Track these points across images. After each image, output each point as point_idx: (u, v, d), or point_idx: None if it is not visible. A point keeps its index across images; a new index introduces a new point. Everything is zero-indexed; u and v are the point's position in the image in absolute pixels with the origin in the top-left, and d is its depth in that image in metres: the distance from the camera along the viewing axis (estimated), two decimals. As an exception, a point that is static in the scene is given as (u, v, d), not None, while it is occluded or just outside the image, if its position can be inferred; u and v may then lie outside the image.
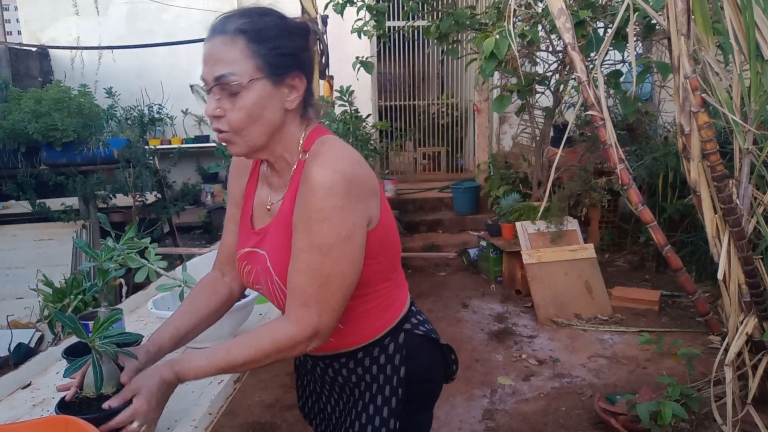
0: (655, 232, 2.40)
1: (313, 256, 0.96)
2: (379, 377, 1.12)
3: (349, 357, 1.13)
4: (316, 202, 0.94)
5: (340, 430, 1.20)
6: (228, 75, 0.96)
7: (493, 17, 3.91)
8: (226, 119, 0.98)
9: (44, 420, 1.03)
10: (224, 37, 0.97)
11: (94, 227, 4.13)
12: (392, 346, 1.13)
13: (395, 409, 1.11)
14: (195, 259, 1.98)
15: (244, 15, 0.99)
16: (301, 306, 0.98)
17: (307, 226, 0.96)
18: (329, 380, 1.20)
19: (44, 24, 6.29)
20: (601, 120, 2.30)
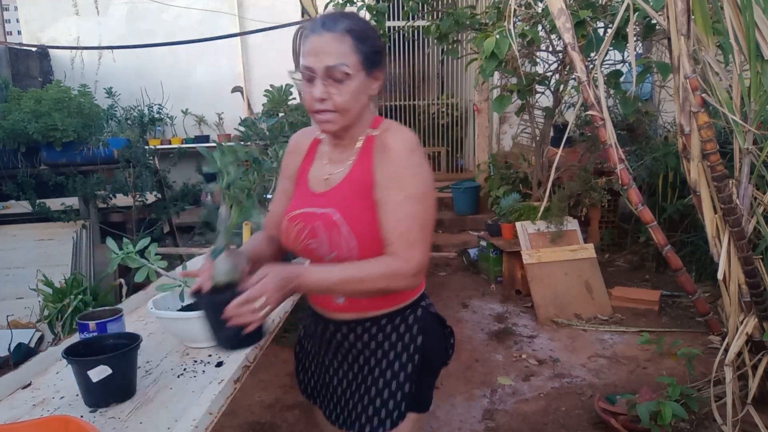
0: (655, 232, 2.40)
1: (412, 205, 1.15)
2: (398, 345, 1.27)
3: (373, 322, 1.27)
4: (404, 161, 1.17)
5: (352, 398, 1.30)
6: (339, 65, 1.14)
7: (493, 17, 3.91)
8: (332, 101, 1.17)
9: (44, 420, 1.03)
10: (334, 34, 1.16)
11: (94, 227, 4.13)
12: (411, 317, 1.29)
13: (410, 375, 1.26)
14: (195, 259, 1.98)
15: (348, 18, 1.20)
16: (408, 248, 1.14)
17: (399, 183, 1.16)
18: (345, 349, 1.31)
19: (44, 24, 6.29)
20: (601, 120, 2.30)
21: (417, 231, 1.15)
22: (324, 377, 1.38)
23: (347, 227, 1.18)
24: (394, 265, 1.14)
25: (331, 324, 1.31)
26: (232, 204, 1.15)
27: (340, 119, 1.19)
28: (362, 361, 1.30)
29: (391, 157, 1.18)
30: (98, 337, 1.38)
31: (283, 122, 2.78)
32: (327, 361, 1.36)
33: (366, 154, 1.23)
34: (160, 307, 1.52)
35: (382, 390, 1.26)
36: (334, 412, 1.36)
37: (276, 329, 1.59)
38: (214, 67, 6.43)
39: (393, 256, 1.15)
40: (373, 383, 1.27)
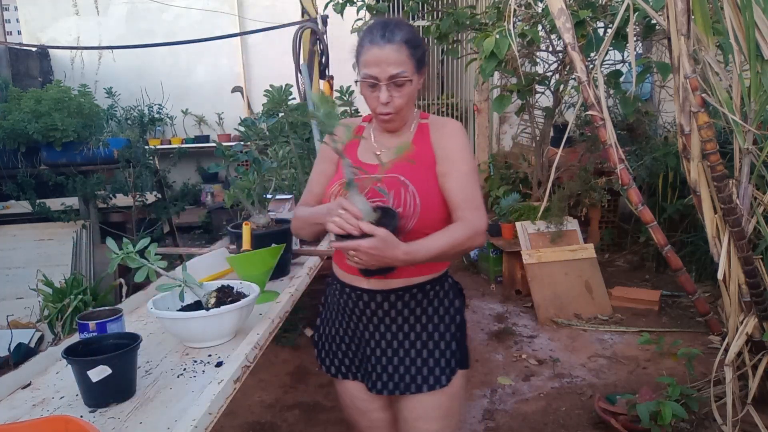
0: (655, 232, 2.40)
1: (472, 176, 1.40)
2: (440, 309, 1.46)
3: (419, 289, 1.44)
4: (462, 142, 1.43)
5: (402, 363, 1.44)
6: (401, 73, 1.35)
7: (493, 17, 3.91)
8: (393, 104, 1.38)
9: (44, 420, 1.03)
10: (393, 45, 1.35)
11: (94, 227, 4.13)
12: (447, 284, 1.50)
13: (455, 335, 1.46)
14: (195, 259, 1.98)
15: (402, 27, 1.37)
16: (475, 210, 1.36)
17: (461, 156, 1.40)
18: (390, 318, 1.45)
19: (44, 24, 6.29)
20: (601, 120, 2.30)
21: (480, 196, 1.40)
22: (362, 352, 1.50)
23: (413, 187, 1.37)
24: (470, 225, 1.34)
25: (377, 295, 1.44)
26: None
27: (399, 118, 1.42)
28: (407, 327, 1.45)
29: (451, 137, 1.42)
30: (98, 337, 1.38)
31: (283, 122, 2.78)
32: (367, 335, 1.48)
33: (423, 136, 1.45)
34: (160, 307, 1.51)
35: (433, 351, 1.44)
36: (380, 381, 1.47)
37: (276, 329, 1.59)
38: (214, 67, 6.43)
39: (464, 219, 1.35)
40: (423, 346, 1.44)
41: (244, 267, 1.80)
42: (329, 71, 4.53)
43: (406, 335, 1.46)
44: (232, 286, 1.62)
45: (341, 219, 1.23)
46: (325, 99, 1.28)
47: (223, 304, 1.50)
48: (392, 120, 1.42)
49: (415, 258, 1.28)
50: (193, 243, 5.27)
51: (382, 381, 1.47)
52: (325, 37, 4.43)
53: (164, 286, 1.49)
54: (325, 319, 1.62)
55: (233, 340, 1.53)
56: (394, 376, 1.46)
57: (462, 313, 1.51)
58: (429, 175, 1.40)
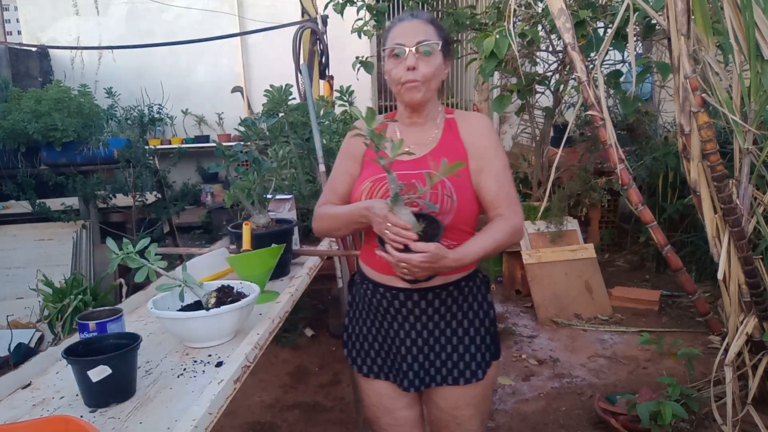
0: (655, 232, 2.40)
1: (507, 172, 1.44)
2: (474, 304, 1.49)
3: (455, 285, 1.46)
4: (494, 138, 1.46)
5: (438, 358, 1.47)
6: (427, 40, 1.38)
7: (493, 17, 3.90)
8: (420, 71, 1.39)
9: (44, 420, 1.03)
10: (421, 21, 1.41)
11: (94, 227, 4.13)
12: (478, 279, 1.52)
13: (488, 328, 1.50)
14: (195, 259, 1.98)
15: (425, 13, 1.47)
16: (512, 206, 1.41)
17: (495, 154, 1.43)
18: (427, 316, 1.46)
19: (44, 24, 6.29)
20: (601, 120, 2.30)
21: (515, 191, 1.44)
22: (395, 349, 1.50)
23: (450, 184, 1.38)
24: (509, 222, 1.38)
25: (414, 294, 1.44)
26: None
27: (424, 88, 1.40)
28: (444, 324, 1.47)
29: (482, 132, 1.45)
30: (98, 337, 1.38)
31: (283, 122, 2.78)
32: (402, 333, 1.49)
33: (451, 131, 1.46)
34: (160, 307, 1.51)
35: (469, 346, 1.47)
36: (417, 378, 1.49)
37: (276, 329, 1.59)
38: (214, 67, 6.43)
39: (502, 216, 1.39)
40: (460, 341, 1.47)
41: (244, 267, 1.80)
42: (329, 71, 4.53)
43: (442, 331, 1.48)
44: (232, 286, 1.62)
45: (391, 233, 1.26)
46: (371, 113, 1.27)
47: (223, 304, 1.49)
48: (417, 89, 1.40)
49: (463, 263, 1.33)
50: (193, 243, 5.26)
51: (419, 377, 1.49)
52: (325, 37, 4.43)
53: (164, 286, 1.49)
54: (354, 318, 1.62)
55: (233, 340, 1.52)
56: (430, 371, 1.49)
57: (493, 306, 1.55)
58: (462, 171, 1.40)
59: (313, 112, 2.53)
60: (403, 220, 1.27)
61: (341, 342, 1.67)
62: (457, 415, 1.50)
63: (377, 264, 1.47)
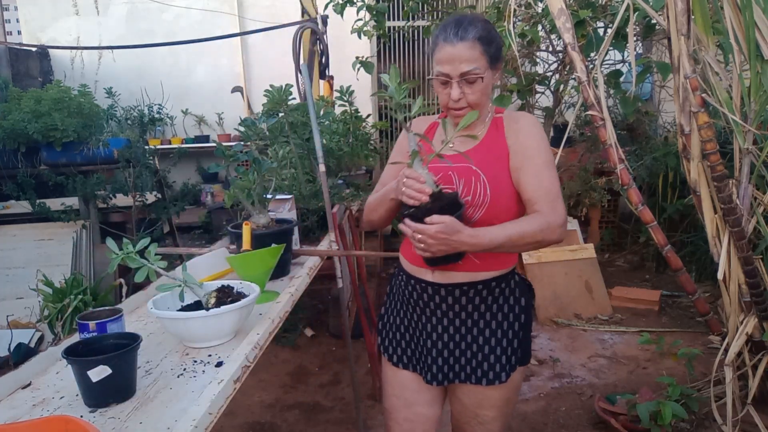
0: (655, 232, 2.40)
1: (549, 169, 1.39)
2: (505, 306, 1.47)
3: (484, 285, 1.46)
4: (538, 135, 1.42)
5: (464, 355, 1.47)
6: (473, 70, 1.37)
7: (493, 17, 3.90)
8: (466, 100, 1.40)
9: (44, 420, 1.03)
10: (466, 42, 1.37)
11: (94, 227, 4.12)
12: (513, 282, 1.51)
13: (518, 333, 1.47)
14: (195, 259, 1.98)
15: (476, 24, 1.39)
16: (553, 202, 1.36)
17: (537, 152, 1.39)
18: (454, 312, 1.47)
19: (44, 24, 6.29)
20: (601, 120, 2.30)
21: (557, 189, 1.38)
22: (423, 341, 1.52)
23: (485, 177, 1.40)
24: (545, 218, 1.34)
25: (443, 289, 1.46)
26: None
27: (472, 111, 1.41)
28: (472, 322, 1.47)
29: (526, 131, 1.42)
30: (98, 337, 1.38)
31: (283, 122, 2.78)
32: (431, 327, 1.50)
33: (497, 129, 1.46)
34: (160, 307, 1.51)
35: (495, 347, 1.45)
36: (440, 372, 1.50)
37: (276, 329, 1.59)
38: (214, 67, 6.43)
39: (541, 212, 1.35)
40: (486, 342, 1.46)
41: (244, 267, 1.80)
42: (329, 71, 4.53)
43: (468, 330, 1.48)
44: (232, 286, 1.62)
45: (406, 187, 1.31)
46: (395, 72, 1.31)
47: (223, 304, 1.49)
48: (464, 114, 1.43)
49: (481, 242, 1.29)
50: (193, 243, 5.26)
51: (442, 372, 1.50)
52: (325, 37, 4.43)
53: (164, 286, 1.49)
54: (390, 308, 1.65)
55: (233, 340, 1.52)
56: (455, 367, 1.49)
57: (528, 311, 1.52)
58: (501, 168, 1.41)
59: (313, 112, 2.53)
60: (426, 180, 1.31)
61: (375, 330, 1.70)
62: (480, 414, 1.51)
63: (412, 256, 1.49)
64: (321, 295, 4.05)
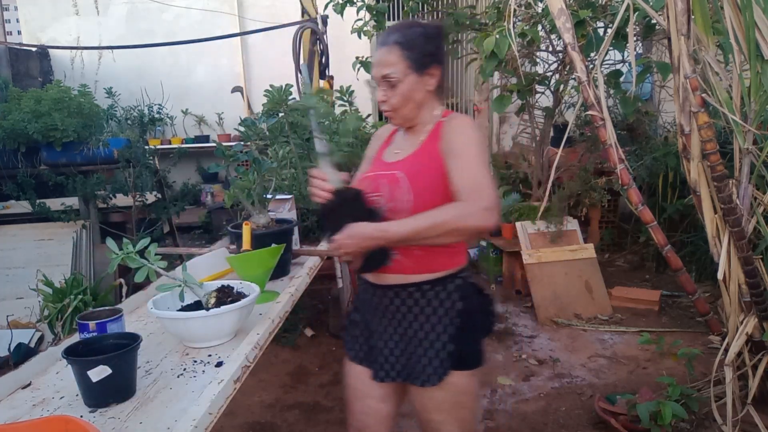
0: (655, 232, 2.40)
1: (479, 165, 1.37)
2: (439, 310, 1.47)
3: (417, 288, 1.47)
4: (470, 134, 1.42)
5: (404, 356, 1.51)
6: (390, 74, 1.42)
7: (493, 17, 3.90)
8: (389, 102, 1.45)
9: (44, 420, 1.03)
10: (386, 47, 1.43)
11: (94, 227, 4.13)
12: (452, 285, 1.48)
13: (453, 336, 1.46)
14: (195, 259, 1.98)
15: (398, 30, 1.46)
16: (476, 189, 1.32)
17: (467, 149, 1.39)
18: (391, 313, 1.50)
19: (44, 24, 6.29)
20: (601, 120, 2.30)
21: (484, 179, 1.34)
22: (372, 341, 1.57)
23: (407, 183, 1.43)
24: (464, 206, 1.32)
25: (379, 290, 1.51)
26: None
27: (398, 116, 1.48)
28: (407, 324, 1.49)
29: (457, 131, 1.43)
30: (98, 337, 1.38)
31: (283, 122, 2.78)
32: (376, 326, 1.55)
33: (436, 133, 1.48)
34: (160, 307, 1.52)
35: (427, 350, 1.46)
36: (383, 370, 1.54)
37: (276, 329, 1.59)
38: (214, 67, 6.43)
39: (462, 201, 1.33)
40: (419, 344, 1.48)
41: (244, 267, 1.80)
42: (329, 71, 4.53)
43: (405, 330, 1.50)
44: (232, 286, 1.62)
45: (312, 186, 1.39)
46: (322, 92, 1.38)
47: (223, 304, 1.50)
48: (392, 117, 1.50)
49: (389, 231, 1.32)
50: (193, 243, 5.26)
51: (384, 370, 1.54)
52: (325, 37, 4.43)
53: (164, 286, 1.49)
54: (355, 307, 1.70)
55: (233, 340, 1.53)
56: (396, 365, 1.53)
57: (470, 315, 1.48)
58: (431, 173, 1.42)
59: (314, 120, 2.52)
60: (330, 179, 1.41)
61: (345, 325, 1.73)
62: (430, 419, 1.51)
63: None
64: (321, 295, 4.05)
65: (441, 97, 1.54)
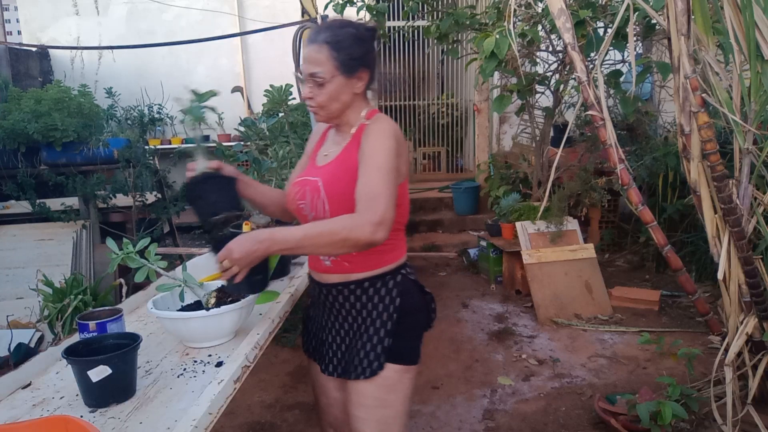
0: (655, 232, 2.40)
1: (379, 173, 1.34)
2: (379, 306, 1.48)
3: (357, 285, 1.48)
4: (381, 141, 1.38)
5: (343, 350, 1.54)
6: (317, 73, 1.40)
7: (493, 17, 3.91)
8: (315, 100, 1.43)
9: (44, 420, 1.03)
10: (315, 45, 1.40)
11: (94, 227, 4.13)
12: (391, 282, 1.49)
13: (390, 331, 1.47)
14: (195, 259, 1.98)
15: (330, 29, 1.43)
16: (370, 201, 1.31)
17: (372, 156, 1.36)
18: (336, 310, 1.53)
19: (44, 24, 6.29)
20: (601, 120, 2.30)
21: (380, 189, 1.32)
22: (321, 336, 1.61)
23: (324, 192, 1.42)
24: (354, 216, 1.31)
25: (324, 288, 1.53)
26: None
27: (323, 113, 1.46)
28: (350, 319, 1.52)
29: (370, 136, 1.40)
30: (98, 337, 1.38)
31: (282, 122, 2.78)
32: (323, 322, 1.59)
33: (357, 137, 1.45)
34: (160, 307, 1.52)
35: (366, 343, 1.48)
36: (330, 365, 1.58)
37: (276, 329, 1.59)
38: (214, 67, 6.43)
39: (356, 213, 1.32)
40: (359, 338, 1.50)
41: (244, 267, 1.79)
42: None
43: (349, 327, 1.53)
44: (232, 286, 1.62)
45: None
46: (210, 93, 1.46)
47: (223, 304, 1.50)
48: (316, 114, 1.48)
49: (276, 236, 1.32)
50: (193, 243, 5.26)
51: (332, 364, 1.58)
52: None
53: (164, 286, 1.49)
54: (311, 302, 1.72)
55: (233, 340, 1.53)
56: (335, 361, 1.57)
57: (406, 311, 1.49)
58: (349, 180, 1.39)
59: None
60: (199, 165, 1.48)
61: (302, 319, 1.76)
62: (354, 415, 1.51)
63: (310, 259, 1.59)
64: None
65: (368, 99, 1.52)
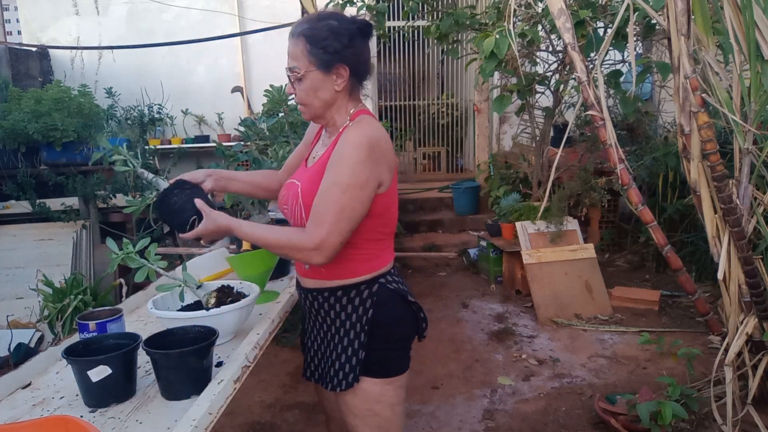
0: (655, 232, 2.40)
1: (335, 191, 1.28)
2: (352, 316, 1.41)
3: (331, 293, 1.42)
4: (346, 152, 1.30)
5: (321, 358, 1.50)
6: (293, 68, 1.36)
7: (493, 17, 3.91)
8: (297, 96, 1.39)
9: (44, 420, 1.03)
10: (293, 38, 1.36)
11: (94, 227, 4.13)
12: (366, 292, 1.41)
13: (363, 343, 1.40)
14: (195, 259, 1.98)
15: (308, 21, 1.37)
16: (316, 224, 1.28)
17: (335, 169, 1.30)
18: (314, 314, 1.49)
19: (44, 24, 6.29)
20: (601, 120, 2.30)
21: (331, 213, 1.27)
22: (306, 338, 1.58)
23: (302, 199, 1.38)
24: (297, 237, 1.31)
25: (303, 291, 1.51)
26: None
27: (306, 110, 1.41)
28: (325, 327, 1.48)
29: (341, 146, 1.32)
30: (98, 337, 1.38)
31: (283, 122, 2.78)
32: (307, 325, 1.56)
33: (336, 141, 1.39)
34: (160, 307, 1.52)
35: (340, 354, 1.43)
36: (308, 369, 1.57)
37: (276, 329, 1.59)
38: (214, 67, 6.43)
39: (305, 230, 1.31)
40: (333, 348, 1.45)
41: (244, 267, 1.80)
42: (329, 71, 4.51)
43: (324, 334, 1.48)
44: (232, 286, 1.62)
45: None
46: None
47: (223, 304, 1.50)
48: (302, 111, 1.44)
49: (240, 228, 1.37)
50: (193, 243, 5.26)
51: (310, 369, 1.57)
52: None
53: (164, 286, 1.49)
54: None
55: (233, 340, 1.53)
56: (312, 366, 1.56)
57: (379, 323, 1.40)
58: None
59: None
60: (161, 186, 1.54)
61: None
62: (348, 422, 1.48)
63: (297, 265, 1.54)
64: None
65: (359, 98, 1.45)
